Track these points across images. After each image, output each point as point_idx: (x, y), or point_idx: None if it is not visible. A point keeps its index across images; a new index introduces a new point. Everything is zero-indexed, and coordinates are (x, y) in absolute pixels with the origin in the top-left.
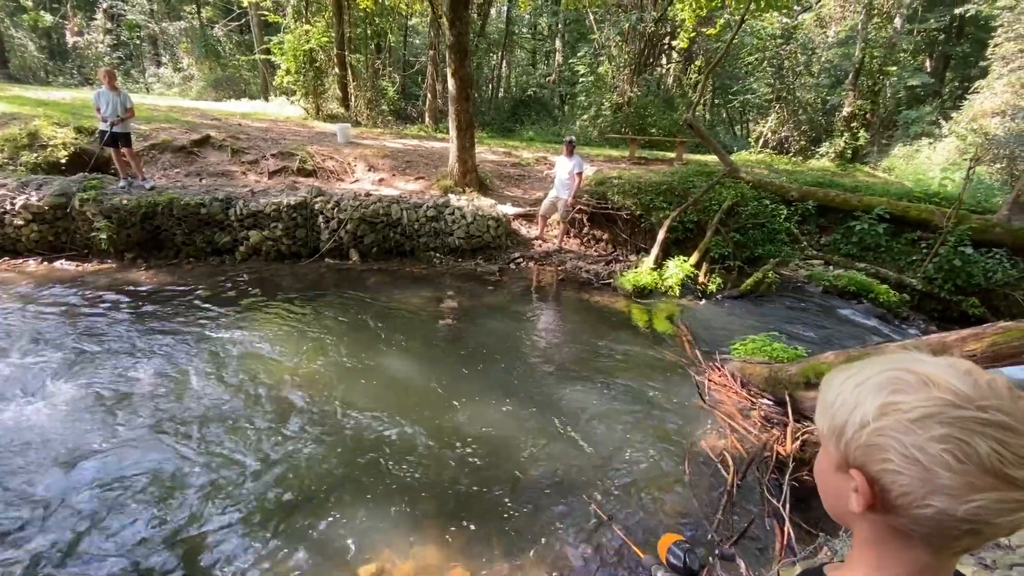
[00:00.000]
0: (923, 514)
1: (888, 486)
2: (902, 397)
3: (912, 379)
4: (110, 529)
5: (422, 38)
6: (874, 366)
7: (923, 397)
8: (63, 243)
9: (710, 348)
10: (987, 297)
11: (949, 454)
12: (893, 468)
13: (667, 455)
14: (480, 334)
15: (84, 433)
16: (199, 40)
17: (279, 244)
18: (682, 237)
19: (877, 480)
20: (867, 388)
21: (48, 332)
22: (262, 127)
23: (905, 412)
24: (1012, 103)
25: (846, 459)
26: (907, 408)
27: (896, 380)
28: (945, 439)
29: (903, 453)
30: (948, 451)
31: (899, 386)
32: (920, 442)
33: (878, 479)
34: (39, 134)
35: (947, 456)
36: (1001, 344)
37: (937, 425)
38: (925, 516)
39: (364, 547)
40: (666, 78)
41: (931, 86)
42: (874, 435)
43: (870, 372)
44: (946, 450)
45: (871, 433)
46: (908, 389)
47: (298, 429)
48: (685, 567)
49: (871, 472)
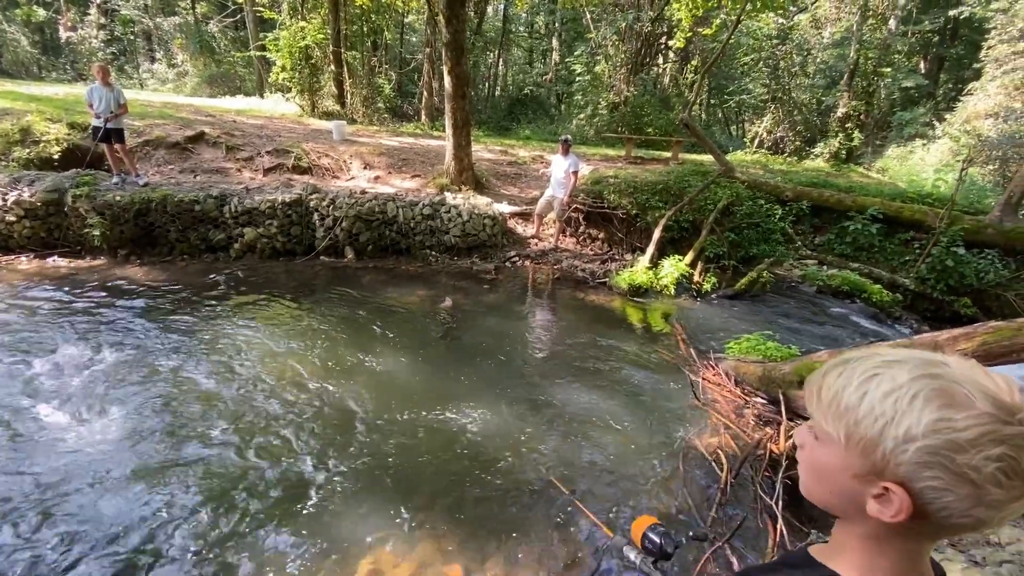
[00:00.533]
0: (960, 523)
1: (931, 501)
2: (951, 413)
3: (956, 391)
4: (95, 524)
5: (418, 35)
6: (902, 371)
7: (973, 414)
8: (56, 240)
9: (704, 347)
10: (979, 297)
11: (1001, 472)
12: (940, 486)
13: (661, 453)
14: (475, 333)
15: (72, 428)
16: (194, 36)
17: (274, 242)
18: (677, 236)
19: (919, 495)
20: (906, 400)
21: (39, 329)
22: (257, 124)
23: (960, 431)
24: (1005, 105)
25: (878, 470)
26: (961, 427)
27: (940, 392)
28: (1000, 458)
29: (955, 472)
30: (1001, 469)
31: (945, 400)
32: (975, 462)
33: (920, 494)
34: (32, 130)
35: (999, 474)
36: (991, 343)
37: (991, 444)
38: (961, 524)
39: (360, 544)
40: (662, 78)
41: (925, 88)
42: (922, 453)
43: (901, 379)
44: (999, 468)
45: (920, 451)
46: (955, 404)
47: (292, 427)
48: (660, 549)
49: (914, 488)
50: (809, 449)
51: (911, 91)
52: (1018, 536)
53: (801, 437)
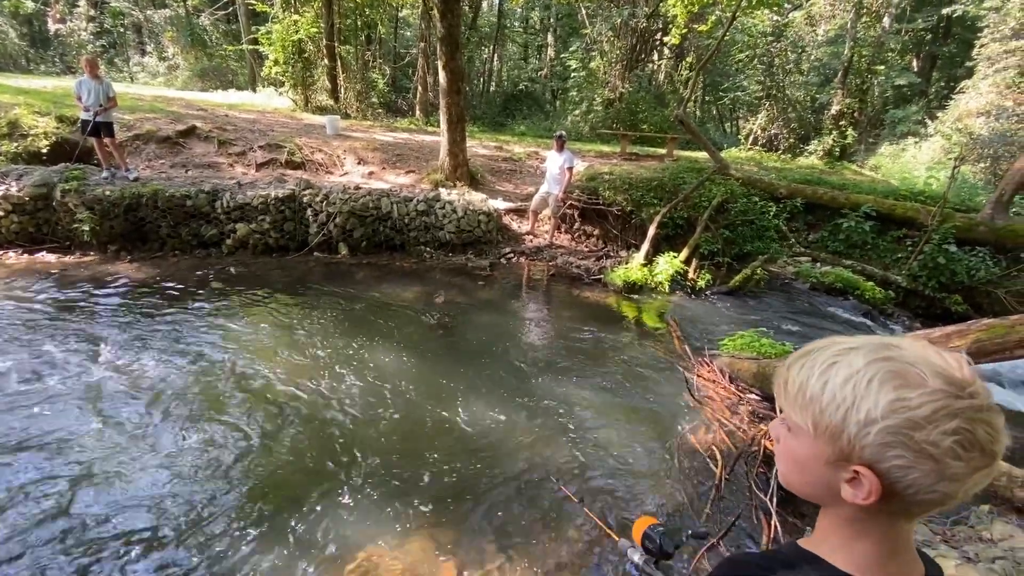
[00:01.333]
0: (928, 499)
1: (897, 479)
2: (906, 392)
3: (909, 371)
4: (80, 527)
5: (413, 30)
6: (857, 356)
7: (926, 391)
8: (44, 235)
9: (699, 344)
10: (970, 294)
11: (958, 445)
12: (904, 464)
13: (656, 449)
14: (470, 329)
15: (58, 426)
16: (185, 29)
17: (267, 237)
18: (672, 233)
19: (886, 475)
20: (863, 384)
21: (27, 326)
22: (249, 118)
23: (915, 409)
24: (996, 103)
25: (846, 455)
26: (916, 404)
27: (893, 374)
28: (956, 431)
29: (915, 449)
30: (958, 442)
31: (899, 381)
32: (933, 437)
33: (887, 474)
34: (19, 123)
35: (957, 447)
36: (985, 340)
37: (945, 419)
38: (929, 500)
39: (352, 543)
40: (657, 74)
41: (918, 86)
42: (883, 433)
43: (857, 364)
44: (956, 441)
45: (881, 432)
46: (909, 384)
47: (284, 424)
48: (660, 549)
49: (881, 468)
50: (783, 441)
51: (904, 89)
52: (1011, 532)
53: (775, 430)
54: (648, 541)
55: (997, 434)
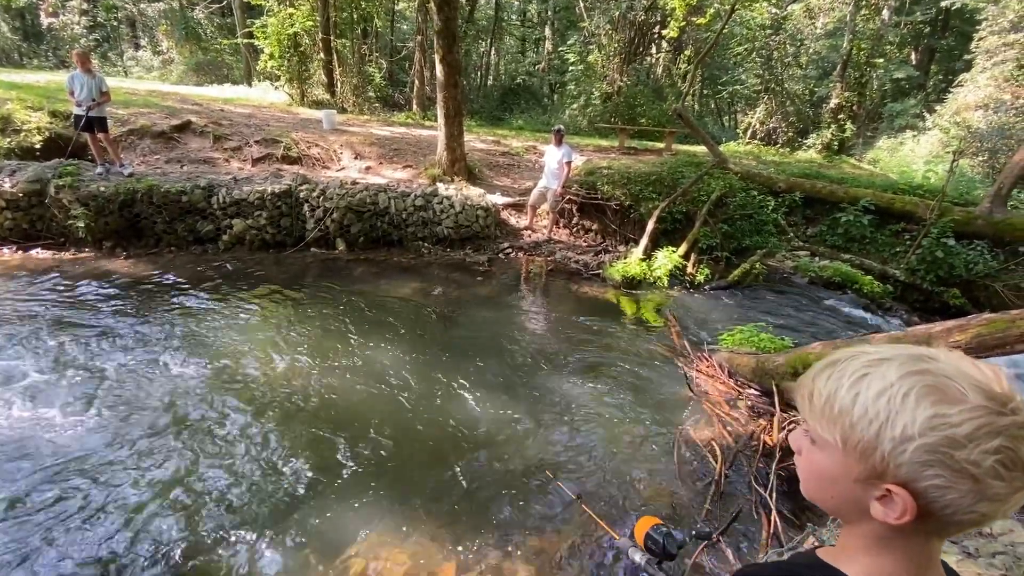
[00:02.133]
0: (965, 519)
1: (934, 499)
2: (946, 409)
3: (948, 386)
4: (81, 524)
5: (409, 23)
6: (891, 369)
7: (967, 408)
8: (39, 231)
9: (698, 338)
10: (968, 288)
11: (1000, 464)
12: (943, 483)
13: (655, 445)
14: (469, 325)
15: (56, 422)
16: (179, 22)
17: (263, 233)
18: (671, 228)
19: (922, 494)
20: (898, 399)
21: (23, 322)
22: (245, 113)
23: (955, 427)
24: (995, 97)
25: (878, 473)
26: (956, 422)
27: (931, 389)
28: (998, 451)
29: (955, 469)
30: (1000, 462)
31: (937, 396)
32: (974, 457)
33: (923, 494)
34: (12, 118)
35: (999, 467)
36: (985, 335)
37: (987, 437)
38: (966, 520)
39: (353, 539)
40: (656, 68)
41: (916, 79)
42: (922, 452)
43: (891, 377)
44: (998, 461)
45: (918, 450)
46: (948, 400)
47: (283, 420)
48: (663, 550)
49: (917, 488)
50: (807, 454)
51: (902, 82)
52: (1011, 527)
53: (797, 441)
54: (650, 542)
55: None
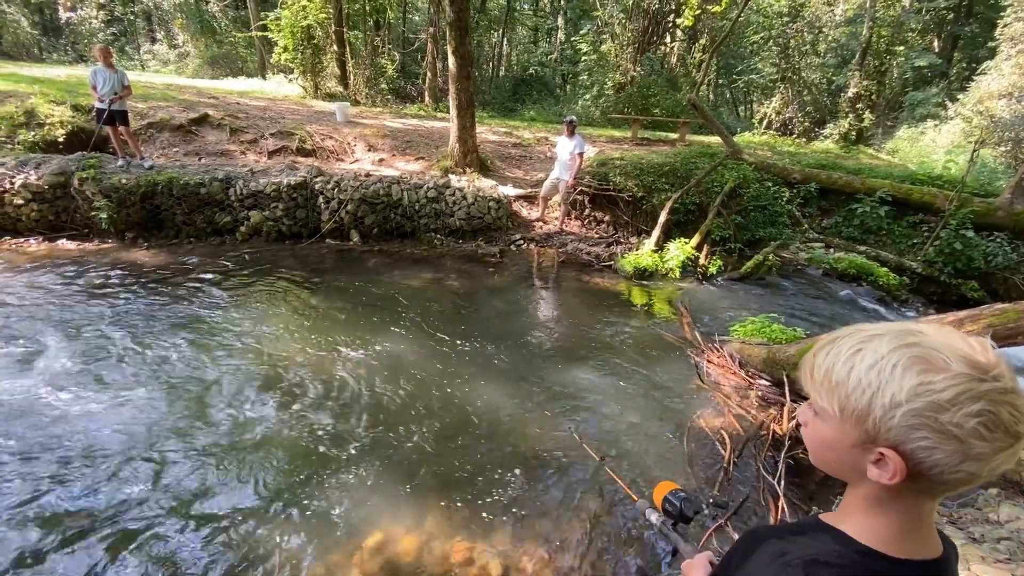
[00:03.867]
0: (953, 478)
1: (922, 460)
2: (930, 377)
3: (933, 356)
4: (106, 503)
5: (421, 15)
6: (882, 343)
7: (950, 375)
8: (63, 222)
9: (709, 329)
10: (986, 281)
11: (982, 426)
12: (929, 445)
13: (666, 433)
14: (481, 315)
15: (82, 409)
16: (194, 16)
17: (280, 224)
18: (683, 219)
19: (911, 456)
20: (888, 370)
21: (50, 311)
22: (260, 106)
23: (939, 392)
24: (1019, 85)
25: (872, 438)
26: (940, 388)
27: (917, 359)
28: (980, 413)
29: (940, 431)
30: (982, 423)
31: (923, 365)
32: (957, 419)
33: (912, 455)
34: (36, 112)
35: (981, 428)
36: (997, 325)
37: (969, 401)
38: (954, 479)
39: (368, 520)
40: (670, 57)
41: (938, 67)
42: (909, 416)
43: (882, 350)
44: (980, 423)
45: (905, 415)
46: (933, 368)
47: (300, 406)
48: (680, 513)
49: (905, 450)
50: (811, 425)
51: (924, 70)
52: (1017, 514)
53: (803, 415)
54: (668, 504)
55: (1021, 415)
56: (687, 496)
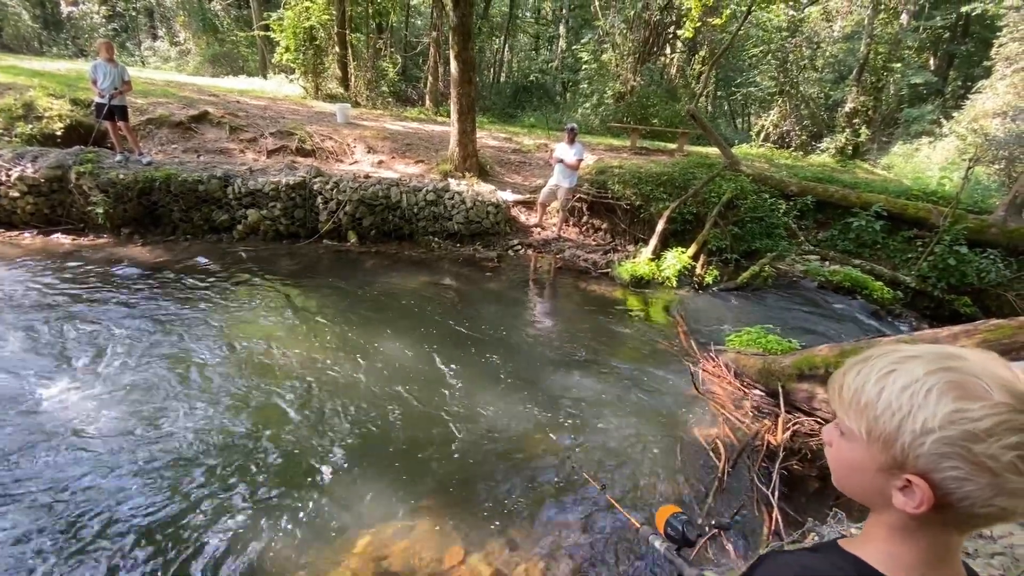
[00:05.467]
0: (984, 512)
1: (952, 491)
2: (967, 405)
3: (971, 383)
4: (100, 502)
5: (424, 19)
6: (917, 365)
7: (988, 404)
8: (59, 216)
9: (705, 339)
10: (979, 297)
11: (1020, 460)
12: (960, 476)
13: (660, 441)
14: (477, 320)
15: (74, 404)
16: (196, 14)
17: (277, 224)
18: (680, 228)
19: (940, 486)
20: (921, 394)
21: (43, 305)
22: (260, 105)
23: (975, 421)
24: (1013, 104)
25: (899, 464)
26: (976, 417)
27: (954, 385)
28: (1017, 446)
29: (973, 462)
30: (1019, 457)
31: (960, 392)
32: (992, 451)
33: (941, 485)
34: (35, 105)
35: (1019, 462)
36: (992, 341)
37: (1007, 433)
38: (985, 514)
39: (360, 524)
40: (670, 68)
41: (934, 85)
42: (941, 444)
43: (916, 373)
44: (1019, 456)
45: (937, 442)
46: (970, 396)
47: (294, 407)
48: (683, 537)
49: (935, 479)
50: (836, 445)
51: (920, 88)
52: (1010, 530)
53: (828, 435)
54: (670, 529)
55: None
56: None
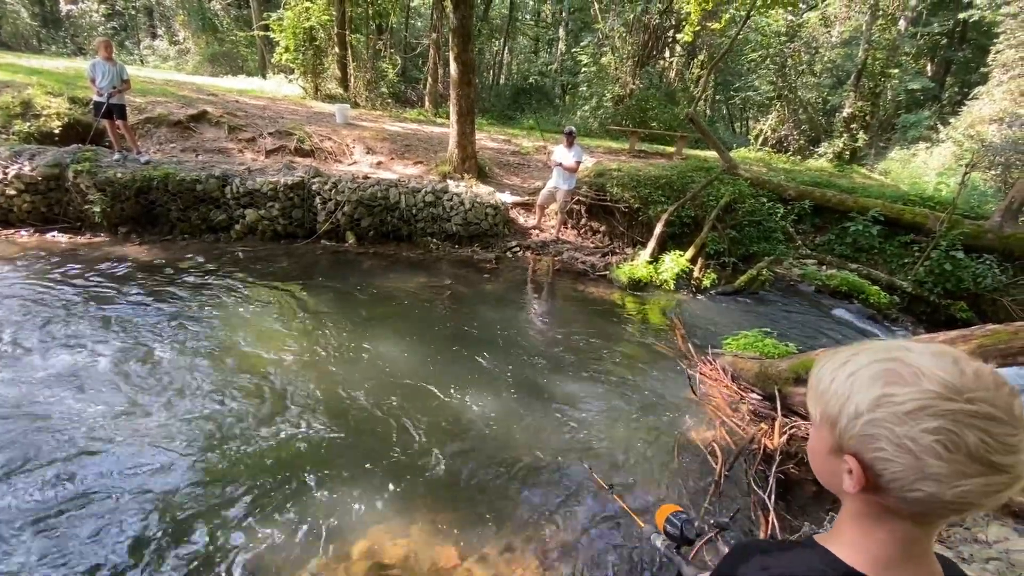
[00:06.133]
0: (913, 497)
1: (880, 471)
2: (895, 389)
3: (904, 371)
4: (90, 503)
5: (424, 20)
6: (865, 355)
7: (915, 390)
8: (56, 215)
9: (702, 342)
10: (975, 302)
11: (940, 444)
12: (886, 456)
13: (657, 444)
14: (475, 321)
15: (61, 406)
16: (196, 13)
17: (275, 224)
18: (679, 232)
19: (870, 466)
20: (860, 379)
21: (38, 304)
22: (259, 105)
23: (898, 404)
24: (1010, 110)
25: (839, 445)
26: (900, 400)
27: (889, 372)
28: (937, 431)
29: (896, 443)
30: (939, 442)
31: (892, 378)
32: (912, 433)
33: (871, 465)
34: (32, 103)
35: (938, 446)
36: (988, 346)
37: (929, 417)
38: (914, 499)
39: (357, 527)
40: (669, 72)
41: (931, 91)
42: (868, 425)
43: (862, 362)
44: (937, 441)
45: (865, 424)
46: (900, 381)
47: (290, 410)
48: (682, 535)
49: (865, 459)
50: (811, 434)
51: (917, 94)
52: (1006, 535)
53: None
54: (670, 526)
55: (999, 446)
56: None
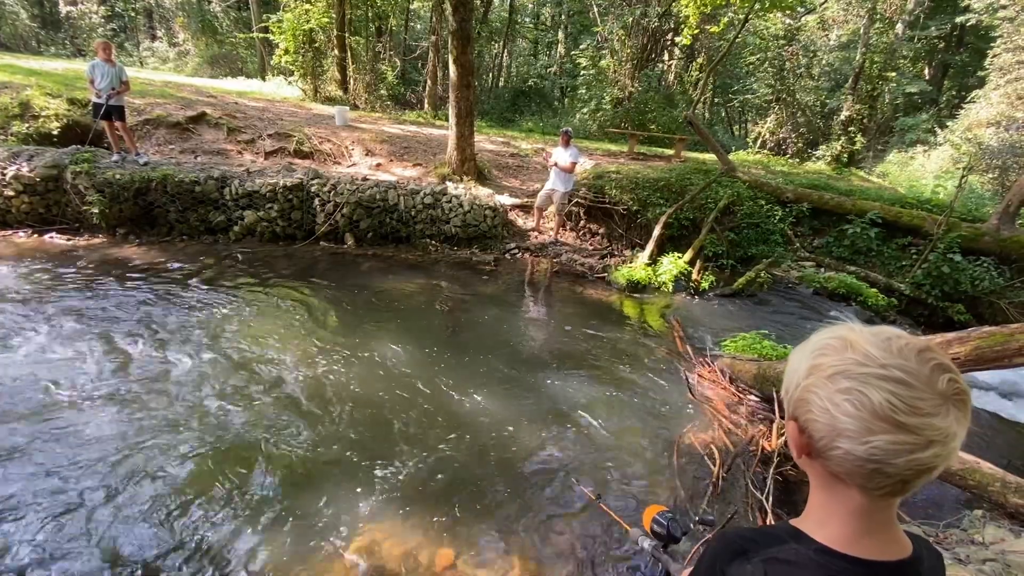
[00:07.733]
0: (834, 455)
1: (811, 433)
2: (824, 359)
3: (838, 344)
4: (86, 503)
5: (424, 23)
6: (817, 336)
7: (839, 358)
8: (54, 216)
9: (701, 344)
10: (973, 304)
11: (848, 403)
12: (812, 417)
13: (655, 446)
14: (473, 323)
15: (59, 407)
16: (195, 15)
17: (274, 225)
18: (677, 234)
19: (805, 429)
20: (804, 353)
21: (35, 305)
22: (259, 106)
23: (823, 371)
24: (1007, 114)
25: (788, 415)
26: (825, 367)
27: (825, 346)
28: (848, 391)
29: (819, 405)
30: (848, 400)
31: (825, 351)
32: (830, 394)
33: (805, 428)
34: (31, 104)
35: (847, 404)
36: (985, 348)
37: (843, 379)
38: (836, 456)
39: (352, 528)
40: (667, 74)
41: (929, 94)
42: (803, 391)
43: (812, 341)
44: (847, 399)
45: (801, 390)
46: (830, 352)
47: (287, 410)
48: (668, 534)
49: (801, 422)
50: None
51: (915, 97)
52: (1002, 536)
53: None
54: (657, 526)
55: (904, 407)
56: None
